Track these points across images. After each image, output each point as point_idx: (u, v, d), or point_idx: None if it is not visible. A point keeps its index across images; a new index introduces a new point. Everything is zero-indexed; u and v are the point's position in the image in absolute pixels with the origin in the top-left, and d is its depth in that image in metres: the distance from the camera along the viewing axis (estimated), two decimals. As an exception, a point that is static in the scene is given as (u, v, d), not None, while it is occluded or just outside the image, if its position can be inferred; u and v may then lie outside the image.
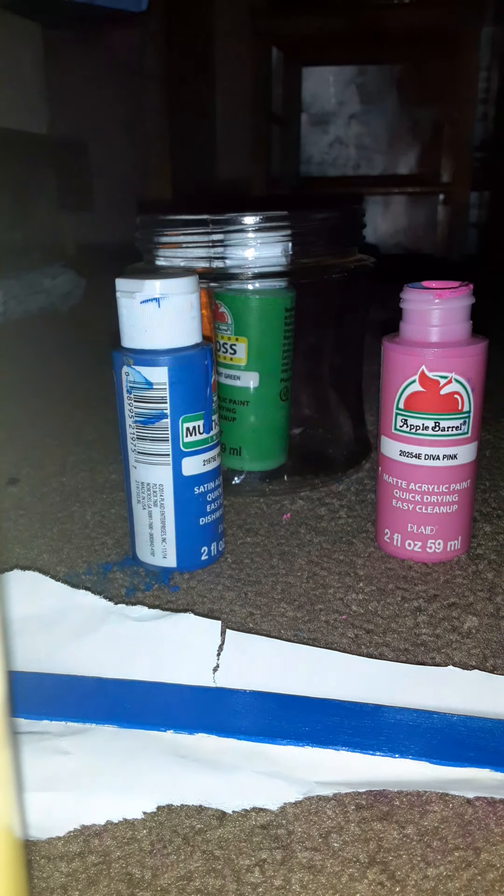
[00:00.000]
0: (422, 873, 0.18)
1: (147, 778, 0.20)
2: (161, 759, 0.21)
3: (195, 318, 0.30)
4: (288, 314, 0.38)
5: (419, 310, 0.30)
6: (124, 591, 0.31)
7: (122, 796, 0.20)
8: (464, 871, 0.18)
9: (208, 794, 0.20)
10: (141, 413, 0.30)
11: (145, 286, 0.29)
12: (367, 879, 0.18)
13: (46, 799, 0.19)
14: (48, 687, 0.24)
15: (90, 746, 0.21)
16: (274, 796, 0.20)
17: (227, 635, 0.25)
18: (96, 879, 0.18)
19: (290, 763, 0.21)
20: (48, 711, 0.22)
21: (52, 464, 0.46)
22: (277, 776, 0.20)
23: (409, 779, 0.20)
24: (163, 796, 0.20)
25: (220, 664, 0.24)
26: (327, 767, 0.20)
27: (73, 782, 0.20)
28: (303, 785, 0.20)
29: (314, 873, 0.18)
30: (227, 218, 0.36)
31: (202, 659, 0.24)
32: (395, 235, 1.82)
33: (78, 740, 0.21)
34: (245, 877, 0.18)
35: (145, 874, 0.18)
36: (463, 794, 0.20)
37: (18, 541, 0.36)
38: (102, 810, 0.19)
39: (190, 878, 0.18)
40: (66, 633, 0.26)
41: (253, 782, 0.20)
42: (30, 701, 0.23)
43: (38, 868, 0.18)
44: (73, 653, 0.25)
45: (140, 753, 0.21)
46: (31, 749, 0.21)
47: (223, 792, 0.20)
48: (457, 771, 0.20)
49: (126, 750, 0.21)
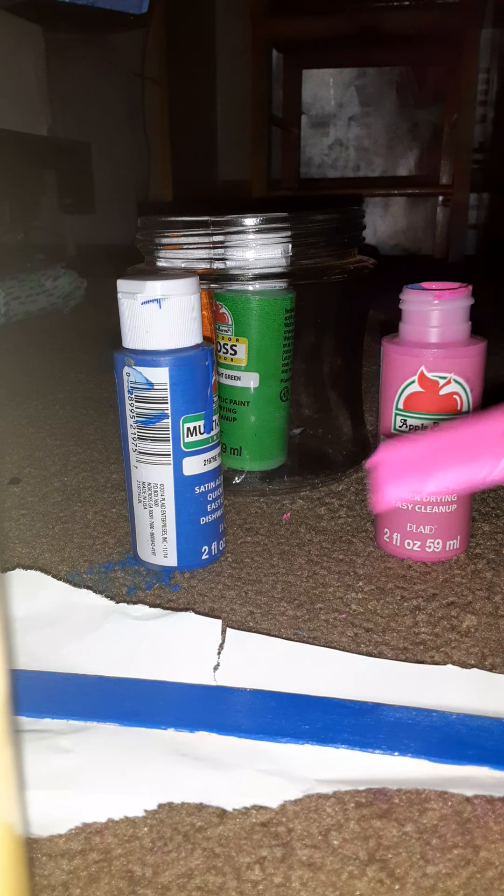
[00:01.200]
0: (421, 871, 0.18)
1: (148, 776, 0.20)
2: (162, 756, 0.21)
3: (196, 318, 0.30)
4: (288, 315, 0.38)
5: (418, 311, 0.31)
6: (125, 590, 0.31)
7: (123, 794, 0.20)
8: (463, 869, 0.18)
9: (209, 792, 0.20)
10: (142, 413, 0.30)
11: (146, 287, 0.29)
12: (366, 877, 0.18)
13: (47, 797, 0.19)
14: (49, 685, 0.24)
15: (91, 744, 0.21)
16: (274, 794, 0.20)
17: (228, 634, 0.25)
18: (97, 877, 0.18)
19: (290, 761, 0.21)
20: (49, 710, 0.22)
21: (54, 463, 0.46)
22: (278, 774, 0.20)
23: (408, 777, 0.20)
24: (164, 794, 0.20)
25: (220, 663, 0.24)
26: (327, 765, 0.21)
27: (74, 780, 0.20)
28: (303, 783, 0.20)
29: (314, 871, 0.18)
30: (227, 219, 0.36)
31: (203, 657, 0.24)
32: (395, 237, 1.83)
33: (79, 738, 0.21)
34: (245, 874, 0.18)
35: (146, 871, 0.18)
36: (462, 792, 0.20)
37: (20, 540, 0.36)
38: (103, 808, 0.19)
39: (190, 875, 0.18)
40: (68, 631, 0.26)
41: (253, 780, 0.20)
42: (31, 699, 0.23)
43: (40, 865, 0.18)
44: (74, 651, 0.25)
45: (141, 751, 0.21)
46: (33, 747, 0.21)
47: (224, 790, 0.20)
48: (455, 769, 0.20)
49: (127, 747, 0.21)
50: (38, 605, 0.27)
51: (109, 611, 0.26)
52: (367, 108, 1.76)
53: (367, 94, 1.75)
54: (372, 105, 1.75)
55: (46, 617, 0.26)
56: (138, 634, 0.25)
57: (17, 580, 0.28)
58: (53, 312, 0.98)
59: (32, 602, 0.27)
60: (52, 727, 0.22)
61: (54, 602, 0.27)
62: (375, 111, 1.76)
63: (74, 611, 0.27)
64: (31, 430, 0.53)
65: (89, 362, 0.72)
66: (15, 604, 0.27)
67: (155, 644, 0.25)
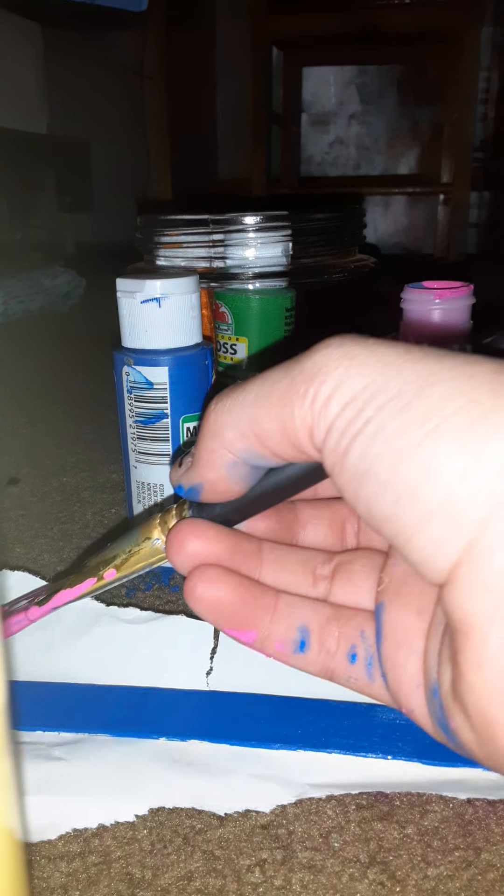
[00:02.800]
0: (422, 873, 0.18)
1: (139, 782, 0.20)
2: (153, 762, 0.21)
3: (196, 317, 0.30)
4: (288, 314, 0.38)
5: (419, 310, 0.30)
6: (124, 591, 0.31)
7: (115, 800, 0.19)
8: (464, 871, 0.18)
9: (201, 798, 0.20)
10: (141, 413, 0.30)
11: (146, 286, 0.29)
12: (367, 879, 0.18)
13: (38, 802, 0.19)
14: (39, 696, 0.23)
15: (83, 753, 0.21)
16: (267, 799, 0.20)
17: (221, 637, 0.25)
18: (97, 879, 0.18)
19: (283, 765, 0.21)
20: (40, 722, 0.22)
21: (53, 464, 0.46)
22: (271, 779, 0.20)
23: (401, 780, 0.20)
24: (155, 800, 0.20)
25: (213, 667, 0.24)
26: (320, 769, 0.20)
27: (65, 786, 0.20)
28: (296, 787, 0.20)
29: (315, 873, 0.18)
30: (227, 218, 0.36)
31: (195, 662, 0.24)
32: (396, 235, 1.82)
33: (71, 749, 0.21)
34: (245, 877, 0.18)
35: (146, 874, 0.18)
36: (456, 795, 0.20)
37: (19, 541, 0.36)
38: (94, 814, 0.19)
39: (190, 878, 0.18)
40: (57, 635, 0.26)
41: (246, 785, 0.20)
42: (21, 711, 0.23)
43: (39, 868, 0.18)
44: (64, 656, 0.25)
45: (133, 758, 0.21)
46: (24, 756, 0.21)
47: (216, 795, 0.20)
48: (450, 771, 0.20)
49: (119, 754, 0.21)
50: None
51: (100, 614, 0.26)
52: (368, 106, 1.76)
53: (367, 92, 1.75)
54: (372, 103, 1.75)
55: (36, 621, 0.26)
56: (129, 639, 0.25)
57: (3, 581, 0.28)
58: (52, 312, 0.98)
59: None
60: (44, 739, 0.22)
61: None
62: (376, 109, 1.76)
63: (64, 613, 0.26)
64: (29, 429, 0.53)
65: (88, 361, 0.72)
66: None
67: (146, 648, 0.25)
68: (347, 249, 0.40)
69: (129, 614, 0.26)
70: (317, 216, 0.38)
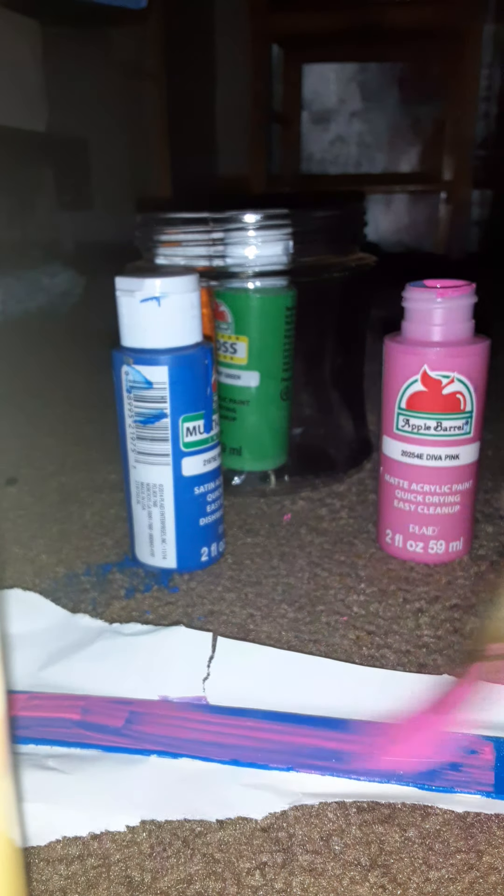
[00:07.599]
0: (423, 876, 0.18)
1: (131, 792, 0.20)
2: (146, 773, 0.20)
3: (195, 316, 0.30)
4: (289, 313, 0.38)
5: (421, 309, 0.30)
6: (123, 592, 0.31)
7: (105, 811, 0.19)
8: (466, 874, 0.18)
9: (193, 808, 0.19)
10: (141, 413, 0.30)
11: (145, 285, 0.29)
12: (368, 882, 0.17)
13: (30, 809, 0.19)
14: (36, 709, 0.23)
15: (77, 765, 0.21)
16: (259, 807, 0.19)
17: (219, 646, 0.25)
18: (95, 882, 0.18)
19: (277, 776, 0.20)
20: (33, 735, 0.22)
21: (51, 463, 0.46)
22: (264, 788, 0.20)
23: (395, 793, 0.20)
24: (147, 811, 0.19)
25: (210, 674, 0.24)
26: (315, 780, 0.20)
27: (56, 794, 0.20)
28: (290, 796, 0.20)
29: (315, 876, 0.18)
30: (227, 216, 0.36)
31: (193, 672, 0.24)
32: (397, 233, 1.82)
33: (65, 760, 0.21)
34: (246, 880, 0.18)
35: (145, 877, 0.18)
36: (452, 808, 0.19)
37: (17, 541, 0.36)
38: (84, 824, 0.19)
39: (190, 881, 0.18)
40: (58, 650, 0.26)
41: (239, 794, 0.20)
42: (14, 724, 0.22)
43: (38, 871, 0.18)
44: (61, 669, 0.25)
45: (124, 768, 0.21)
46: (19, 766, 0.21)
47: (208, 805, 0.19)
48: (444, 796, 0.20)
49: (111, 762, 0.21)
50: (31, 626, 0.27)
51: (103, 630, 0.26)
52: (369, 103, 1.75)
53: (368, 90, 1.74)
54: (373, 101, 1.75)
55: (39, 638, 0.26)
56: (127, 650, 0.25)
57: (13, 601, 0.28)
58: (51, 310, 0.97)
59: (25, 623, 0.27)
60: (38, 750, 0.22)
61: (48, 624, 0.27)
62: (377, 107, 1.75)
63: (68, 632, 0.26)
64: (28, 429, 0.53)
65: (87, 360, 0.72)
66: (9, 624, 0.27)
67: (143, 660, 0.25)
68: (348, 248, 0.40)
69: (129, 629, 0.26)
70: (317, 214, 0.38)
